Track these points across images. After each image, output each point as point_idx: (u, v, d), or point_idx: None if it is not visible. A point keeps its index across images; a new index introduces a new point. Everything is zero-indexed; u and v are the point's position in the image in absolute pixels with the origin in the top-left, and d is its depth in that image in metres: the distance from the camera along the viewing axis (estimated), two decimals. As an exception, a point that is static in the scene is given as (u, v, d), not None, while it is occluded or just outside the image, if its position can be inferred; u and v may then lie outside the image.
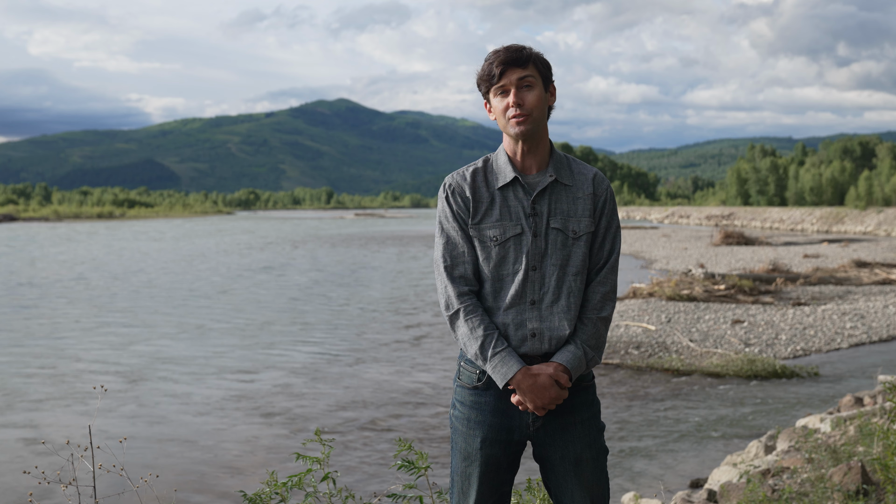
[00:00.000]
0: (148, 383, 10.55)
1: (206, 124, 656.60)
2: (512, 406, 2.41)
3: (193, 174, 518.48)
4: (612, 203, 2.48)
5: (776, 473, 5.29)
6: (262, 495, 3.16)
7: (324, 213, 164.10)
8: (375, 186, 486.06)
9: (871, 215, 59.39)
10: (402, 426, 8.50)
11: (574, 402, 2.44)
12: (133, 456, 7.32)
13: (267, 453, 7.64)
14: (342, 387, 10.35)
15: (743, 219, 75.58)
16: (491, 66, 2.38)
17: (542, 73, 2.42)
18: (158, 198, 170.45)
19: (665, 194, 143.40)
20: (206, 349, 13.03)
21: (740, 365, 10.64)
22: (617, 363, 11.29)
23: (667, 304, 16.32)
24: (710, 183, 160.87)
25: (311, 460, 3.19)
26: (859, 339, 12.92)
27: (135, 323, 15.84)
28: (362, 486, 6.53)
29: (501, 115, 2.40)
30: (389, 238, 53.91)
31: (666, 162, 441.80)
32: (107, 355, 12.45)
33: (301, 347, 13.23)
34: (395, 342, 13.64)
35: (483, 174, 2.45)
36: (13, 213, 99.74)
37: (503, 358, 2.35)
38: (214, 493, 6.62)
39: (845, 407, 7.77)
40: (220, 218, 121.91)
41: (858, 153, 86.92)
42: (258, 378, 10.87)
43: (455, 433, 2.50)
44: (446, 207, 2.44)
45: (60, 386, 10.37)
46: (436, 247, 2.47)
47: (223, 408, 9.33)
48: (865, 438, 5.32)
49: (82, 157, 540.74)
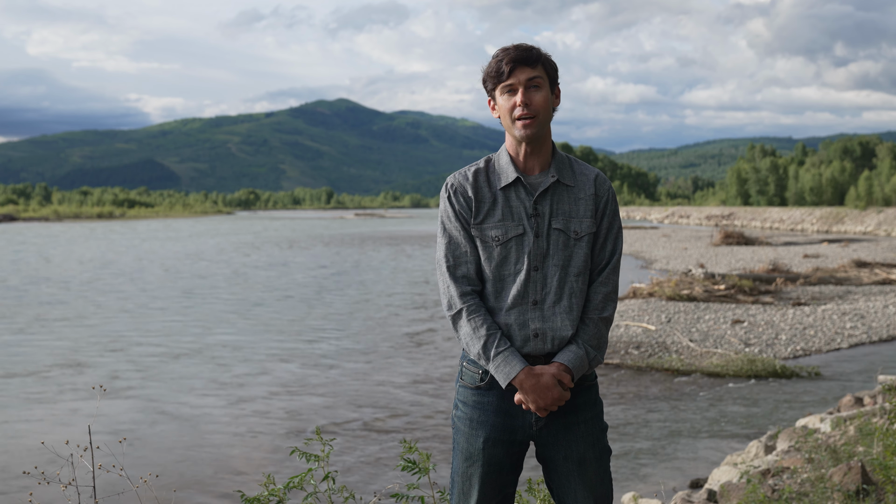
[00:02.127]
0: (148, 383, 10.55)
1: (206, 124, 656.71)
2: (515, 406, 2.41)
3: (193, 174, 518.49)
4: (613, 204, 2.47)
5: (776, 473, 5.29)
6: (261, 498, 3.15)
7: (324, 214, 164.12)
8: (375, 186, 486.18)
9: (871, 215, 59.37)
10: (402, 426, 8.50)
11: (577, 402, 2.44)
12: (133, 456, 7.32)
13: (267, 453, 7.64)
14: (342, 387, 10.35)
15: (743, 219, 75.57)
16: (500, 64, 2.36)
17: (550, 75, 2.41)
18: (158, 198, 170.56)
19: (665, 194, 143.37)
20: (205, 349, 13.03)
21: (740, 365, 10.64)
22: (617, 363, 11.28)
23: (667, 304, 16.32)
24: (710, 183, 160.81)
25: (311, 457, 3.19)
26: (859, 339, 12.91)
27: (135, 323, 15.84)
28: (362, 486, 6.53)
29: (507, 113, 2.38)
30: (390, 238, 53.90)
31: (666, 162, 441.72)
32: (107, 355, 12.45)
33: (301, 348, 13.23)
34: (395, 342, 13.63)
35: (485, 174, 2.45)
36: (13, 213, 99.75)
37: (506, 357, 2.35)
38: (214, 494, 6.61)
39: (845, 407, 7.77)
40: (220, 218, 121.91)
41: (858, 153, 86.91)
42: (258, 378, 10.87)
43: (457, 433, 2.50)
44: (448, 207, 2.44)
45: (60, 385, 10.37)
46: (438, 247, 2.47)
47: (223, 408, 9.33)
48: (865, 438, 5.32)
49: (82, 157, 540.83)
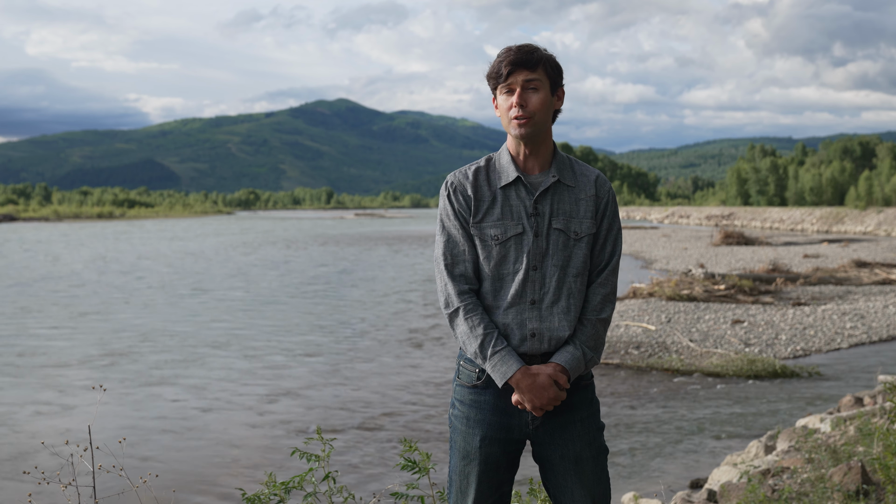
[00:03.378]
0: (148, 383, 10.55)
1: (205, 124, 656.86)
2: (511, 405, 2.42)
3: (193, 174, 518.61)
4: (613, 205, 2.48)
5: (776, 473, 5.29)
6: (262, 496, 3.15)
7: (324, 213, 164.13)
8: (375, 186, 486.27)
9: (871, 215, 59.37)
10: (401, 426, 8.50)
11: (573, 401, 2.44)
12: (133, 456, 7.32)
13: (267, 453, 7.64)
14: (341, 387, 10.35)
15: (743, 219, 75.56)
16: (500, 65, 2.38)
17: (551, 77, 2.41)
18: (158, 198, 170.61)
19: (665, 194, 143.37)
20: (205, 349, 13.03)
21: (740, 365, 10.63)
22: (617, 363, 11.28)
23: (667, 304, 16.32)
24: (710, 183, 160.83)
25: (312, 457, 3.19)
26: (859, 339, 12.91)
27: (135, 323, 15.84)
28: (362, 486, 6.53)
29: (505, 113, 2.41)
30: (390, 238, 53.90)
31: (666, 162, 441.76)
32: (107, 355, 12.45)
33: (300, 347, 13.23)
34: (394, 341, 13.63)
35: (485, 173, 2.46)
36: (13, 213, 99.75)
37: (503, 357, 2.35)
38: (214, 494, 6.61)
39: (845, 407, 7.77)
40: (220, 218, 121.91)
41: (858, 153, 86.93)
42: (257, 378, 10.87)
43: (454, 432, 2.51)
44: (448, 206, 2.44)
45: (60, 385, 10.37)
46: (436, 245, 2.47)
47: (223, 408, 9.33)
48: (865, 438, 5.32)
49: (82, 157, 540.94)
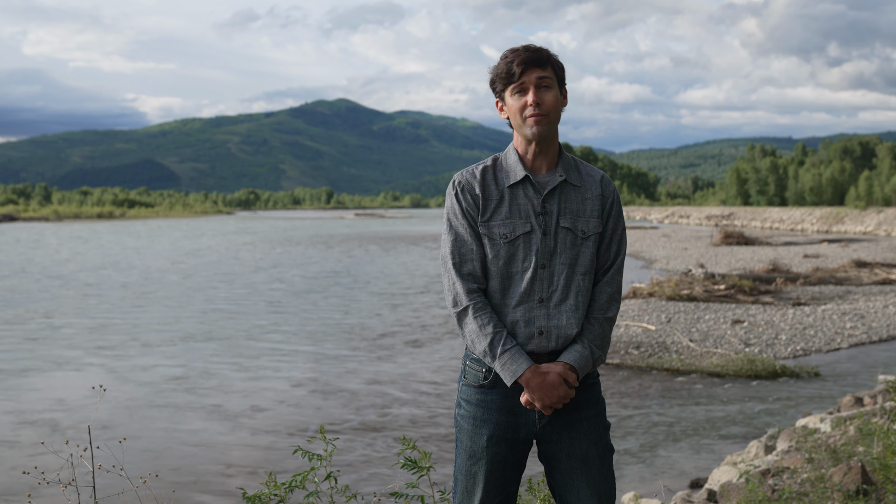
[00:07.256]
0: (147, 383, 10.55)
1: (205, 124, 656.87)
2: (518, 404, 2.42)
3: (193, 174, 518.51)
4: (618, 205, 2.51)
5: (776, 473, 5.29)
6: (262, 496, 3.15)
7: (324, 213, 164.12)
8: (375, 186, 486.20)
9: (871, 215, 59.35)
10: (403, 426, 8.50)
11: (580, 400, 2.45)
12: (133, 456, 7.32)
13: (267, 453, 7.64)
14: (343, 386, 10.35)
15: (743, 219, 75.54)
16: (511, 65, 2.39)
17: (558, 76, 2.45)
18: (158, 198, 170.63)
19: (665, 194, 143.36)
20: (205, 349, 13.03)
21: (740, 365, 10.63)
22: (617, 363, 11.28)
23: (667, 304, 16.32)
24: (710, 183, 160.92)
25: (313, 457, 3.19)
26: (859, 339, 12.91)
27: (135, 323, 15.84)
28: (363, 486, 6.53)
29: (517, 113, 2.41)
30: (390, 238, 53.91)
31: (666, 162, 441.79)
32: (107, 354, 12.45)
33: (301, 347, 13.23)
34: (396, 341, 13.63)
35: (493, 172, 2.47)
36: (13, 213, 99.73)
37: (512, 356, 2.36)
38: (214, 494, 6.61)
39: (845, 407, 7.77)
40: (220, 218, 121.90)
41: (858, 153, 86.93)
42: (258, 378, 10.87)
43: (461, 432, 2.51)
44: (455, 204, 2.44)
45: (61, 384, 10.37)
46: (443, 243, 2.47)
47: (223, 407, 9.33)
48: (865, 438, 5.32)
49: (82, 157, 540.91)
